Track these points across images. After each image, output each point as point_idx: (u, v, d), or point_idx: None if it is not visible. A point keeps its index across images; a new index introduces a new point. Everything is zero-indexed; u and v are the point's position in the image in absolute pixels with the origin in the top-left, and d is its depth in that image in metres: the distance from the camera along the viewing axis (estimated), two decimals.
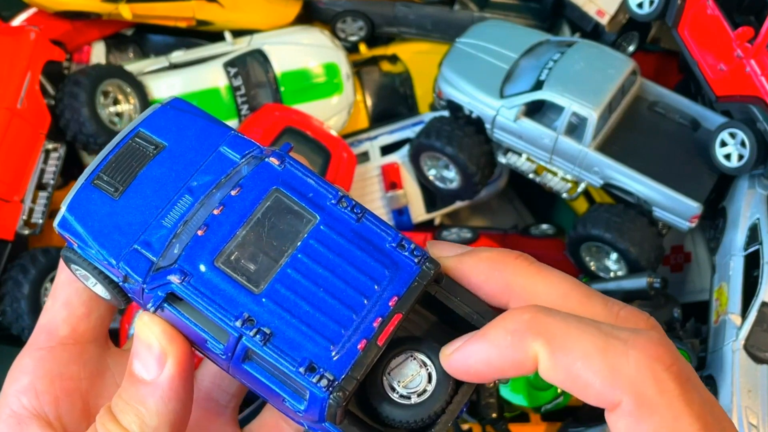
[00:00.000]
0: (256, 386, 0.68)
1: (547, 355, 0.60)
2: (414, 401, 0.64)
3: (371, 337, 0.63)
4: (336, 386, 0.61)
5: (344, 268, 0.66)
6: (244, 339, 0.63)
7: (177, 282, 0.65)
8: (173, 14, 2.39)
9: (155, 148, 0.72)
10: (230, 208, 0.67)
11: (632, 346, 0.59)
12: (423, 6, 2.57)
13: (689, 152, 2.17)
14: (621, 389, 0.58)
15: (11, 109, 2.03)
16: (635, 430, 0.58)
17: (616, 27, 2.39)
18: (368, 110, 2.62)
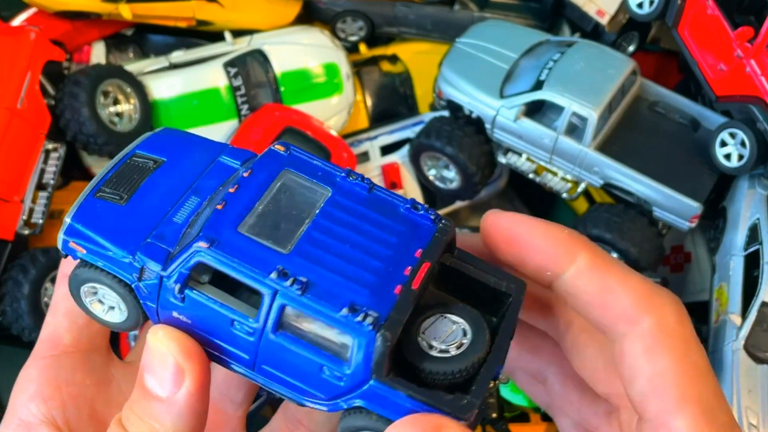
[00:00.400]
0: (287, 368, 0.65)
1: (588, 262, 0.66)
2: (453, 353, 0.64)
3: (405, 282, 0.63)
4: (382, 324, 0.60)
5: (365, 228, 0.66)
6: (279, 295, 0.62)
7: (205, 247, 0.63)
8: (173, 14, 2.39)
9: (154, 163, 0.73)
10: (244, 187, 0.67)
11: (663, 290, 0.66)
12: (423, 6, 2.57)
13: (689, 152, 2.17)
14: (646, 311, 0.63)
15: (11, 109, 2.02)
16: (652, 351, 0.62)
17: (616, 27, 2.39)
18: (368, 110, 2.62)
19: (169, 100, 2.33)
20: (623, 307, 0.64)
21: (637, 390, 0.63)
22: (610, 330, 0.66)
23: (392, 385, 0.62)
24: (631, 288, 0.65)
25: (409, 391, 0.61)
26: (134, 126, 2.23)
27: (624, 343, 0.64)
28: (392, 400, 0.62)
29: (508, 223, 0.69)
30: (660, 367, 0.62)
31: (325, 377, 0.64)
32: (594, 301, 0.66)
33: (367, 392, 0.63)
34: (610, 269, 0.66)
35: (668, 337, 0.63)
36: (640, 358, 0.63)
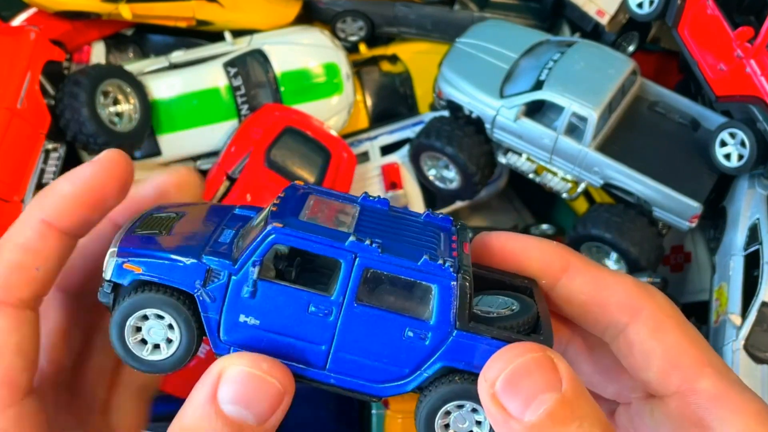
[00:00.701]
0: (368, 347, 0.66)
1: (580, 265, 0.71)
2: (508, 314, 0.69)
3: (457, 250, 0.68)
4: (459, 268, 0.65)
5: (402, 224, 0.71)
6: (359, 258, 0.64)
7: (280, 226, 0.65)
8: (173, 14, 2.40)
9: (177, 215, 0.76)
10: (284, 202, 0.71)
11: (649, 284, 0.72)
12: (423, 6, 2.57)
13: (689, 152, 2.17)
14: (643, 300, 0.69)
15: (11, 109, 2.02)
16: (659, 330, 0.68)
17: (616, 27, 2.39)
18: (368, 110, 2.62)
19: (169, 100, 2.33)
20: (621, 299, 0.70)
21: (654, 370, 0.69)
22: (611, 323, 0.70)
23: (477, 331, 0.64)
24: (622, 283, 0.71)
25: (495, 333, 0.64)
26: (134, 126, 2.23)
27: (629, 332, 0.69)
28: (479, 349, 0.64)
29: (501, 241, 0.74)
30: (670, 342, 0.68)
31: (409, 342, 0.66)
32: (591, 299, 0.71)
33: (452, 346, 0.65)
34: (600, 270, 0.72)
35: (668, 317, 0.70)
36: (649, 340, 0.68)
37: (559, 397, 0.58)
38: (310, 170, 2.27)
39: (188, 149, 2.37)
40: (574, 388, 0.59)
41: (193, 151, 2.38)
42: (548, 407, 0.57)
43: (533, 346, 0.61)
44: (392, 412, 2.07)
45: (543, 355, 0.60)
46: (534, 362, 0.59)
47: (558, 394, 0.58)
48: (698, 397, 0.66)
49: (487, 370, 0.61)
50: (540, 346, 0.61)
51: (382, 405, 2.08)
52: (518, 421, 0.58)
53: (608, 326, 0.70)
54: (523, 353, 0.60)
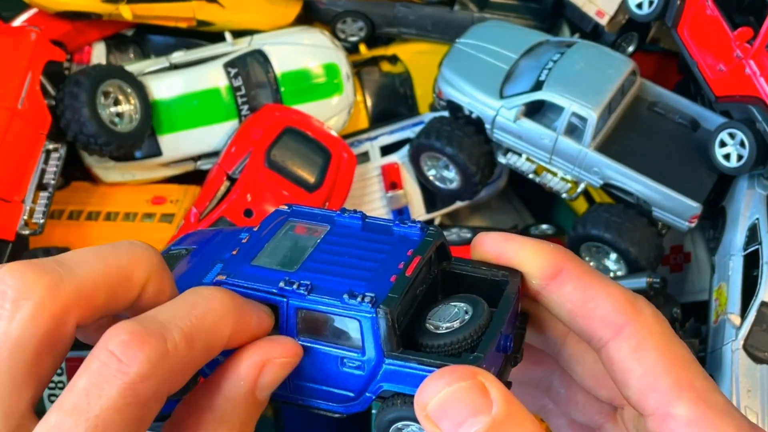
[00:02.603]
0: (316, 374, 0.70)
1: (572, 272, 0.70)
2: (457, 326, 0.69)
3: (399, 273, 0.69)
4: (379, 302, 0.66)
5: (361, 244, 0.73)
6: (290, 300, 0.68)
7: (222, 278, 0.70)
8: (173, 15, 2.40)
9: (186, 251, 0.81)
10: (254, 237, 0.75)
11: (639, 296, 0.70)
12: (423, 6, 2.57)
13: (689, 152, 2.17)
14: (627, 316, 0.68)
15: (12, 110, 2.03)
16: (639, 349, 0.67)
17: (615, 27, 2.39)
18: (368, 110, 2.62)
19: (169, 101, 2.33)
20: (605, 314, 0.68)
21: (632, 390, 0.67)
22: (594, 337, 0.69)
23: (403, 358, 0.67)
24: (611, 295, 0.69)
25: (419, 359, 0.66)
26: (135, 126, 2.24)
27: (610, 349, 0.68)
28: (409, 375, 0.67)
29: (496, 240, 0.74)
30: (649, 363, 0.66)
31: (348, 370, 0.69)
32: (577, 309, 0.70)
33: (385, 374, 0.68)
34: (592, 280, 0.70)
35: (650, 335, 0.67)
36: (629, 359, 0.67)
37: (489, 420, 0.59)
38: (310, 170, 2.27)
39: (188, 149, 2.37)
40: (505, 411, 0.59)
41: (193, 152, 2.38)
42: (477, 429, 0.59)
43: (464, 373, 0.61)
44: None
45: (473, 382, 0.60)
46: (462, 390, 0.60)
47: (488, 416, 0.59)
48: (673, 422, 0.65)
49: (419, 396, 0.62)
50: (471, 372, 0.61)
51: None
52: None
53: (591, 339, 0.70)
54: (452, 381, 0.60)
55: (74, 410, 0.53)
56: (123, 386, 0.54)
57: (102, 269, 0.61)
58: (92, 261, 0.61)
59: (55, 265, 0.59)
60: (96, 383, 0.54)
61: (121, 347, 0.55)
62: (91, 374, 0.55)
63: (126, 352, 0.55)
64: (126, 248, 0.64)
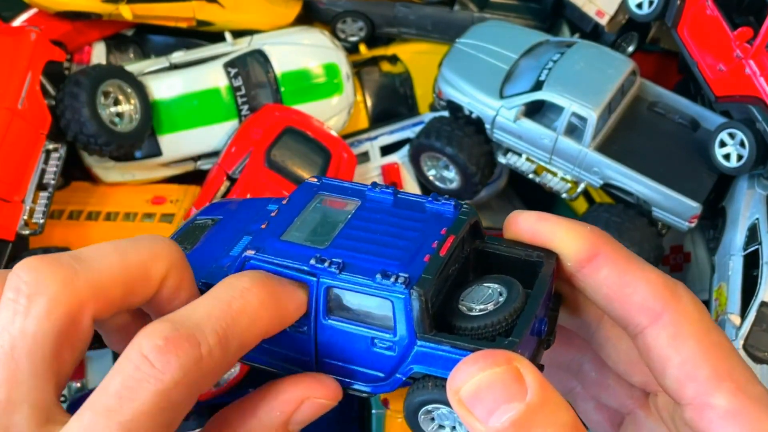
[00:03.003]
0: (345, 354, 0.70)
1: (609, 255, 0.68)
2: (491, 309, 0.68)
3: (433, 252, 0.68)
4: (413, 283, 0.65)
5: (392, 221, 0.72)
6: (321, 278, 0.67)
7: (252, 253, 0.69)
8: (173, 14, 2.40)
9: (212, 221, 0.81)
10: (283, 210, 0.74)
11: (678, 282, 0.68)
12: (423, 6, 2.57)
13: (689, 152, 2.17)
14: (666, 302, 0.66)
15: (12, 110, 2.03)
16: (677, 338, 0.66)
17: (615, 27, 2.39)
18: (368, 110, 2.62)
19: (169, 101, 2.33)
20: (642, 300, 0.67)
21: (670, 378, 0.66)
22: (631, 323, 0.68)
23: (436, 341, 0.66)
24: (649, 281, 0.67)
25: (452, 342, 0.65)
26: (135, 126, 2.24)
27: (647, 336, 0.67)
28: (441, 358, 0.66)
29: (531, 219, 0.72)
30: (687, 352, 0.65)
31: (378, 351, 0.69)
32: (613, 294, 0.68)
33: (417, 355, 0.67)
34: (629, 264, 0.68)
35: (689, 323, 0.66)
36: (667, 347, 0.66)
37: (524, 407, 0.58)
38: (311, 170, 2.27)
39: (188, 149, 2.37)
40: (540, 397, 0.58)
41: (193, 152, 2.38)
42: (512, 416, 0.58)
43: (498, 359, 0.60)
44: (392, 412, 2.07)
45: (508, 367, 0.59)
46: (497, 375, 0.59)
47: (522, 403, 0.58)
48: (712, 413, 0.64)
49: (452, 380, 0.61)
50: (506, 357, 0.60)
51: (382, 405, 2.08)
52: (483, 425, 0.59)
53: (628, 325, 0.68)
54: (486, 367, 0.59)
55: (107, 412, 0.53)
56: (156, 392, 0.54)
57: (119, 263, 0.60)
58: (110, 255, 0.60)
59: (70, 259, 0.58)
60: (129, 387, 0.54)
61: (155, 353, 0.54)
62: (125, 377, 0.54)
63: (160, 359, 0.54)
64: (146, 242, 0.64)
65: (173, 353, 0.54)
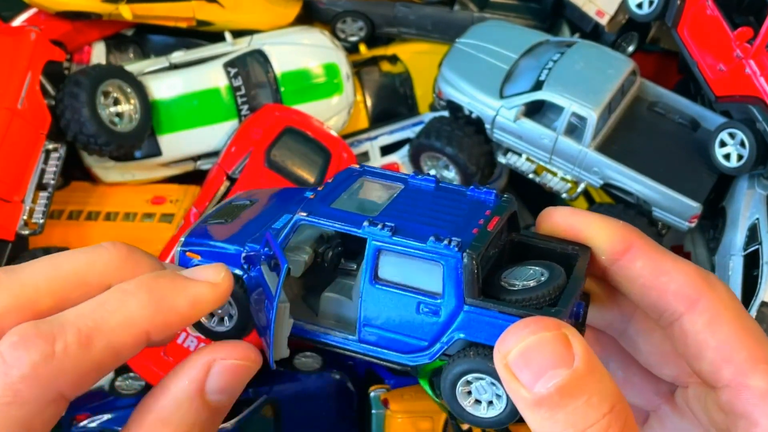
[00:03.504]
0: (388, 321, 0.71)
1: (643, 247, 0.71)
2: (534, 285, 0.70)
3: (480, 227, 0.71)
4: (465, 246, 0.67)
5: (438, 201, 0.75)
6: (372, 240, 0.69)
7: (304, 215, 0.72)
8: (173, 14, 2.40)
9: (250, 202, 0.85)
10: (329, 187, 0.77)
11: (710, 272, 0.71)
12: (423, 6, 2.57)
13: (689, 152, 2.17)
14: (702, 289, 0.69)
15: (11, 110, 2.03)
16: (713, 323, 0.68)
17: (615, 27, 2.39)
18: (368, 110, 2.62)
19: (169, 101, 2.33)
20: (679, 288, 0.69)
21: (707, 362, 0.68)
22: (667, 310, 0.70)
23: (485, 306, 0.68)
24: (684, 270, 0.70)
25: (500, 307, 0.67)
26: (135, 126, 2.24)
27: (684, 322, 0.69)
28: (488, 324, 0.68)
29: (565, 214, 0.75)
30: (724, 336, 0.68)
31: (423, 316, 0.70)
32: (650, 284, 0.70)
33: (463, 321, 0.69)
34: (663, 255, 0.71)
35: (725, 309, 0.69)
36: (704, 331, 0.68)
37: (570, 373, 0.59)
38: (311, 170, 2.27)
39: (188, 149, 2.37)
40: (586, 364, 0.60)
41: (193, 152, 2.38)
42: (558, 382, 0.59)
43: (549, 324, 0.62)
44: (392, 411, 2.07)
45: (558, 333, 0.61)
46: (547, 339, 0.61)
47: (569, 369, 0.59)
48: (748, 393, 0.66)
49: (501, 344, 0.62)
50: (556, 323, 0.62)
51: (382, 405, 2.08)
52: (528, 391, 0.60)
53: (664, 313, 0.70)
54: (537, 330, 0.61)
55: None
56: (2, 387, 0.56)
57: (48, 274, 0.63)
58: (41, 267, 0.63)
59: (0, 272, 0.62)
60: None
61: (8, 349, 0.57)
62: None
63: (11, 354, 0.56)
64: (85, 251, 0.66)
65: (23, 349, 0.57)
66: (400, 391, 2.09)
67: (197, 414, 0.64)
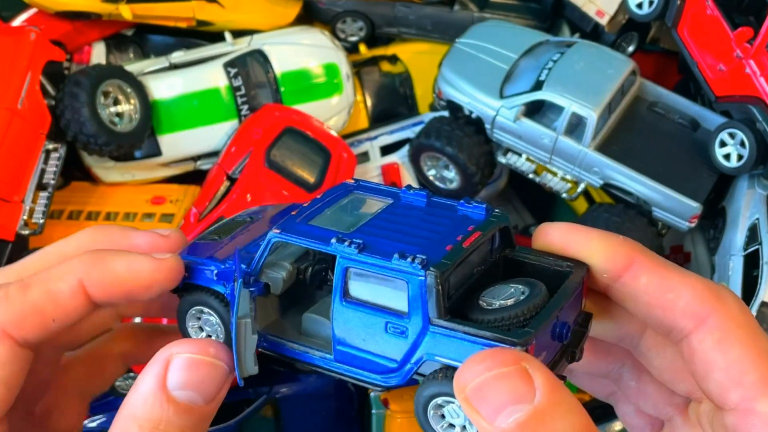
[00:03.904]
0: (359, 339, 0.71)
1: (646, 263, 0.68)
2: (510, 304, 0.68)
3: (455, 243, 0.69)
4: (431, 265, 0.66)
5: (421, 216, 0.74)
6: (340, 257, 0.69)
7: (277, 232, 0.72)
8: (173, 14, 2.40)
9: (251, 219, 0.86)
10: (315, 202, 0.77)
11: (722, 286, 0.67)
12: (423, 6, 2.57)
13: (689, 152, 2.17)
14: (711, 306, 0.65)
15: (11, 110, 2.03)
16: (723, 342, 0.64)
17: (615, 27, 2.39)
18: (368, 110, 2.62)
19: (169, 100, 2.33)
20: (687, 305, 0.66)
21: (714, 382, 0.65)
22: (675, 328, 0.67)
23: (449, 326, 0.66)
24: (691, 286, 0.67)
25: (466, 328, 0.65)
26: (135, 126, 2.24)
27: (692, 340, 0.66)
28: (453, 345, 0.66)
29: (562, 230, 0.73)
30: (734, 356, 0.64)
31: (391, 335, 0.69)
32: (655, 301, 0.67)
33: (430, 342, 0.67)
34: (668, 270, 0.68)
35: (737, 328, 0.65)
36: (713, 351, 0.65)
37: (531, 409, 0.57)
38: (310, 170, 2.27)
39: (188, 149, 2.37)
40: (549, 399, 0.58)
41: (193, 151, 2.38)
42: (518, 417, 0.57)
43: (506, 358, 0.59)
44: (392, 412, 2.07)
45: (516, 368, 0.59)
46: (503, 375, 0.59)
47: (529, 405, 0.57)
48: (756, 419, 0.63)
49: (459, 376, 0.60)
50: (515, 357, 0.60)
51: (382, 405, 2.08)
52: (489, 424, 0.58)
53: (672, 331, 0.67)
54: (493, 367, 0.59)
55: None
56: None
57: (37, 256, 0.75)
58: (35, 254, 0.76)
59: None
60: None
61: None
62: None
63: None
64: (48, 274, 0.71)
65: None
66: (400, 391, 2.09)
67: (162, 410, 0.65)
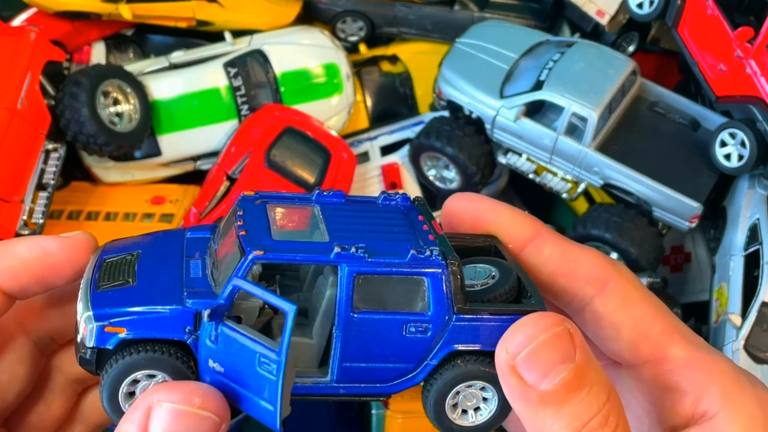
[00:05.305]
0: (371, 350, 0.66)
1: (549, 236, 0.73)
2: (492, 283, 0.70)
3: (432, 232, 0.69)
4: (445, 255, 0.65)
5: (366, 215, 0.72)
6: (348, 265, 0.64)
7: (260, 253, 0.64)
8: (173, 14, 2.40)
9: (132, 255, 0.73)
10: (247, 220, 0.69)
11: (613, 258, 0.74)
12: (423, 6, 2.57)
13: (689, 152, 2.17)
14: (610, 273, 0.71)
15: (11, 109, 2.02)
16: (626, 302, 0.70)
17: (615, 27, 2.39)
18: (368, 110, 2.62)
19: (169, 100, 2.33)
20: (587, 272, 0.72)
21: (624, 341, 0.71)
22: (578, 294, 0.72)
23: (475, 311, 0.66)
24: (590, 256, 0.73)
25: (494, 308, 0.66)
26: (134, 126, 2.23)
27: (596, 304, 0.71)
28: (482, 327, 0.66)
29: (471, 204, 0.76)
30: (637, 314, 0.70)
31: (411, 337, 0.67)
32: (558, 270, 0.73)
33: (453, 331, 0.66)
34: (568, 243, 0.74)
35: (634, 290, 0.72)
36: (618, 312, 0.71)
37: (573, 367, 0.60)
38: (310, 170, 2.27)
39: (188, 149, 2.37)
40: (585, 358, 0.61)
41: (193, 152, 2.38)
42: (563, 377, 0.60)
43: (553, 320, 0.62)
44: (392, 412, 2.07)
45: (563, 328, 0.62)
46: (555, 336, 0.61)
47: (572, 364, 0.60)
48: (670, 364, 0.68)
49: (509, 344, 0.62)
50: (560, 319, 0.62)
51: (382, 405, 2.08)
52: (534, 390, 0.60)
53: (574, 298, 0.72)
54: (546, 328, 0.61)
55: None
56: None
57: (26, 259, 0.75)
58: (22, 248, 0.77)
59: None
60: None
61: None
62: None
63: None
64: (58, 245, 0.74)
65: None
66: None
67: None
